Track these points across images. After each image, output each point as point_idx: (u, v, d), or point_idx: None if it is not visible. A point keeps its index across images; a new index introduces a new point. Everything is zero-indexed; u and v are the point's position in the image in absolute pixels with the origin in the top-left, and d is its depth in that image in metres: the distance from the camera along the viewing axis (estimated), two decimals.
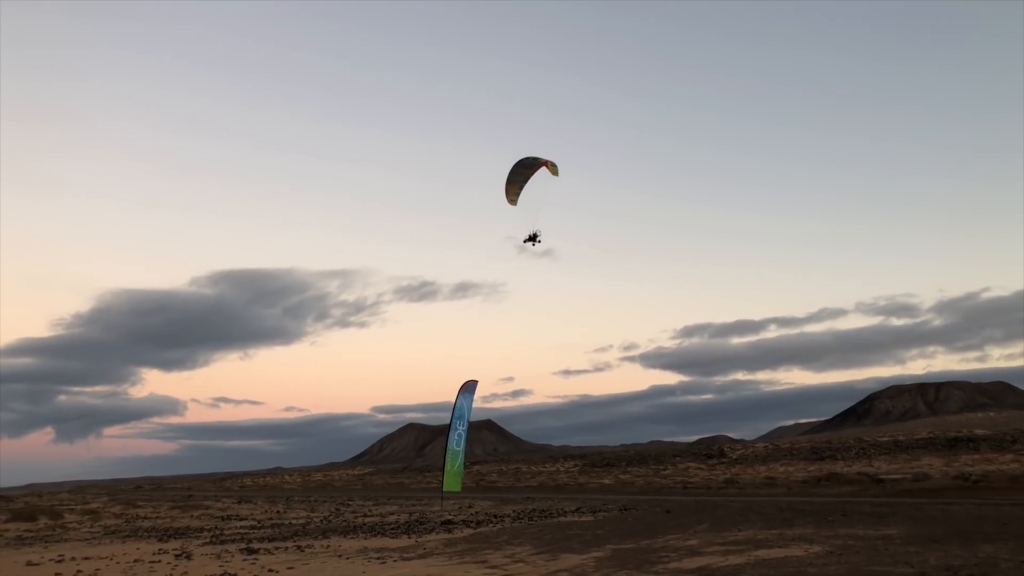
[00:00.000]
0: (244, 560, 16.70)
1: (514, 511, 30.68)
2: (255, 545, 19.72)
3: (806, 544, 16.64)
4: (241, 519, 31.33)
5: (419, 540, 20.69)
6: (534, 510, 30.91)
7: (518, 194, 30.46)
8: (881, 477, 41.50)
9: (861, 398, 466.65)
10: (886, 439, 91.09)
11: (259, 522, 29.06)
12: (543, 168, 30.03)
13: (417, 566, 15.46)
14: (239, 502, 47.12)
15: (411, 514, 31.22)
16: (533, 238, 30.39)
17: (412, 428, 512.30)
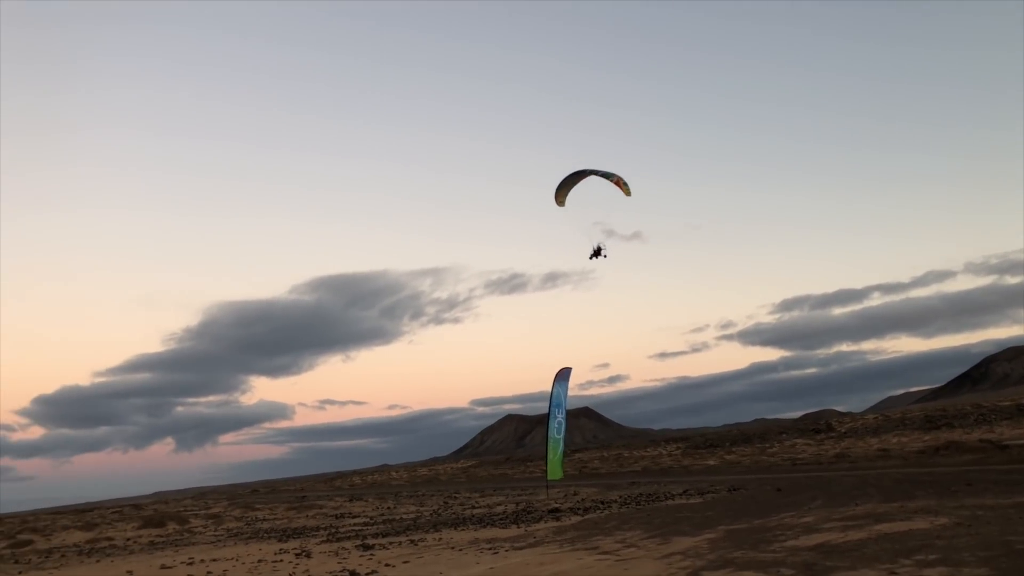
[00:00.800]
0: (361, 556, 17.17)
1: (620, 496, 30.54)
2: (370, 541, 20.26)
3: (931, 516, 15.95)
4: (354, 516, 32.23)
5: (528, 529, 20.82)
6: (640, 495, 30.69)
7: (566, 195, 29.95)
8: (1005, 443, 39.42)
9: (976, 362, 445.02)
10: (1007, 403, 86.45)
11: (371, 519, 29.83)
12: (610, 184, 29.04)
13: (529, 555, 15.55)
14: (350, 500, 48.48)
15: (518, 504, 31.47)
16: (598, 252, 29.79)
17: (511, 419, 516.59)
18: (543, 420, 36.44)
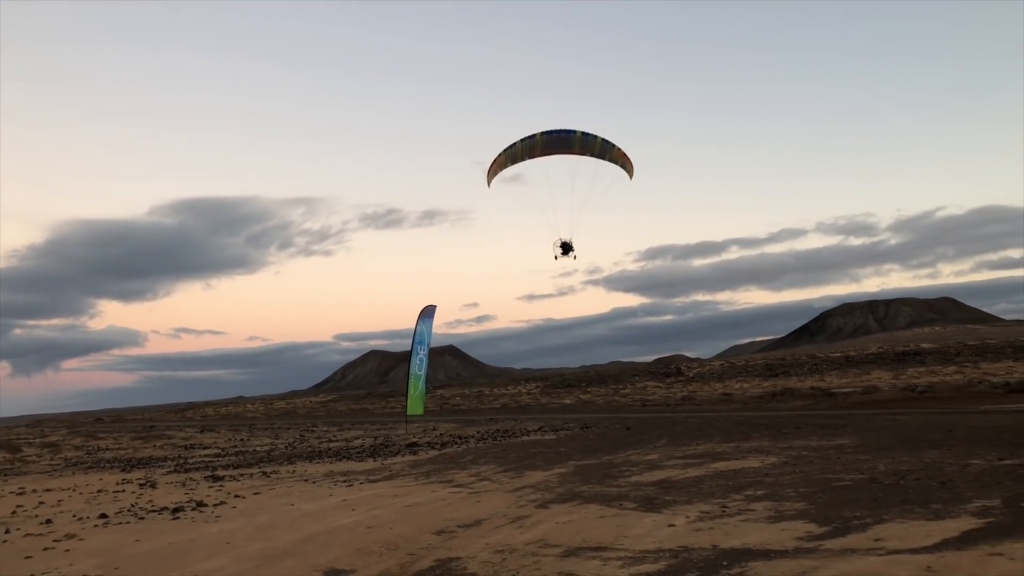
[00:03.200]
0: (210, 487, 16.75)
1: (478, 432, 31.13)
2: (220, 472, 19.78)
3: (762, 456, 17.16)
4: (204, 448, 31.37)
5: (385, 463, 20.92)
6: (498, 431, 31.40)
7: (498, 172, 24.21)
8: (833, 391, 42.83)
9: (815, 316, 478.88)
10: (838, 355, 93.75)
11: (223, 450, 29.13)
12: (604, 162, 23.50)
13: (384, 487, 15.64)
14: (202, 431, 47.14)
15: (376, 438, 31.52)
16: (567, 249, 24.72)
17: (375, 355, 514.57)
18: (408, 356, 36.50)
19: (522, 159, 23.76)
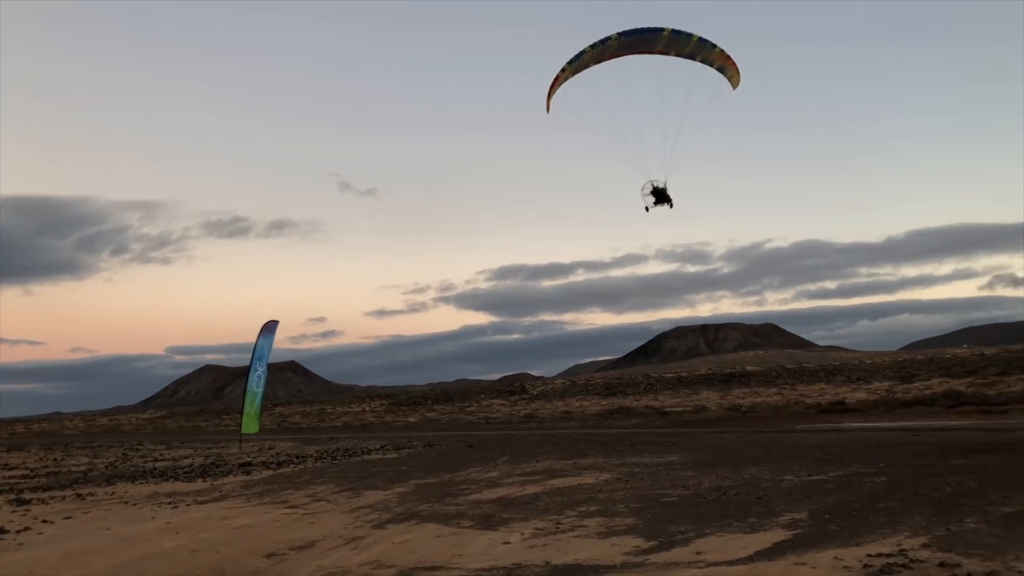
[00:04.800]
0: (13, 512, 15.34)
1: (317, 451, 30.30)
2: (26, 495, 18.16)
3: (597, 472, 17.70)
4: (10, 468, 28.72)
5: (215, 483, 19.94)
6: (338, 449, 30.69)
7: (559, 87, 20.11)
8: (665, 410, 44.86)
9: (651, 337, 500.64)
10: (671, 375, 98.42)
11: (32, 471, 26.77)
12: (700, 65, 20.02)
13: (212, 509, 14.90)
14: (8, 451, 43.17)
15: (207, 457, 30.01)
16: (661, 195, 20.62)
17: (211, 370, 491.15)
18: (245, 372, 35.02)
19: (590, 65, 20.22)
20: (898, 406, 34.71)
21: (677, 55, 19.97)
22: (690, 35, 19.58)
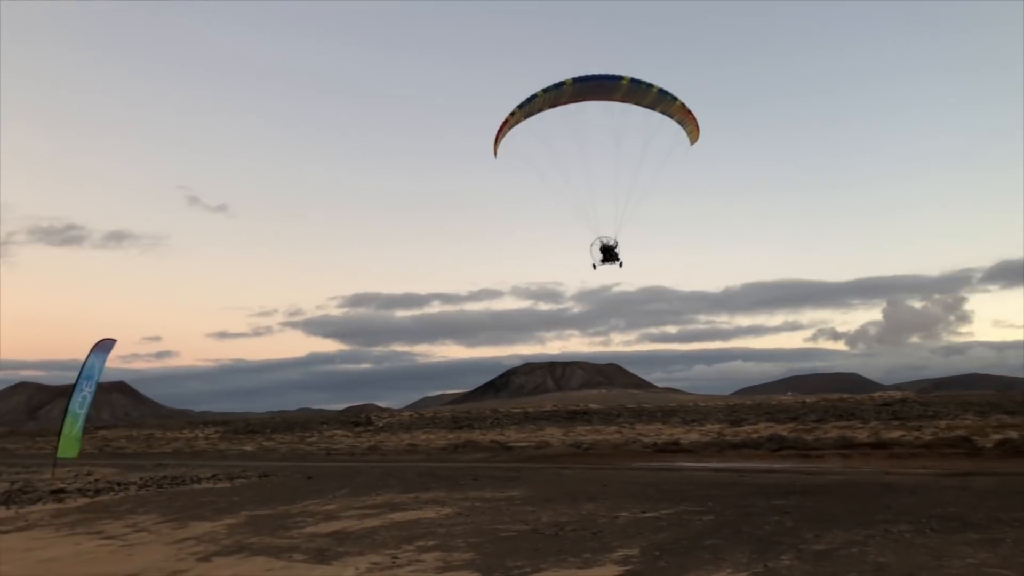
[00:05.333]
0: None
1: (141, 478, 28.40)
2: None
3: (438, 506, 17.55)
4: None
5: (20, 511, 18.27)
6: (165, 477, 28.90)
7: (508, 131, 19.28)
8: (510, 445, 45.21)
9: (501, 372, 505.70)
10: (517, 410, 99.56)
11: None
12: (658, 117, 19.47)
13: (15, 540, 13.62)
14: None
15: (13, 483, 27.48)
16: (610, 254, 20.26)
17: (25, 387, 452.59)
18: (67, 391, 32.37)
19: (544, 109, 19.16)
20: (727, 448, 36.55)
21: (635, 104, 19.43)
22: (650, 85, 18.93)
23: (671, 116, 19.81)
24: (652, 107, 19.48)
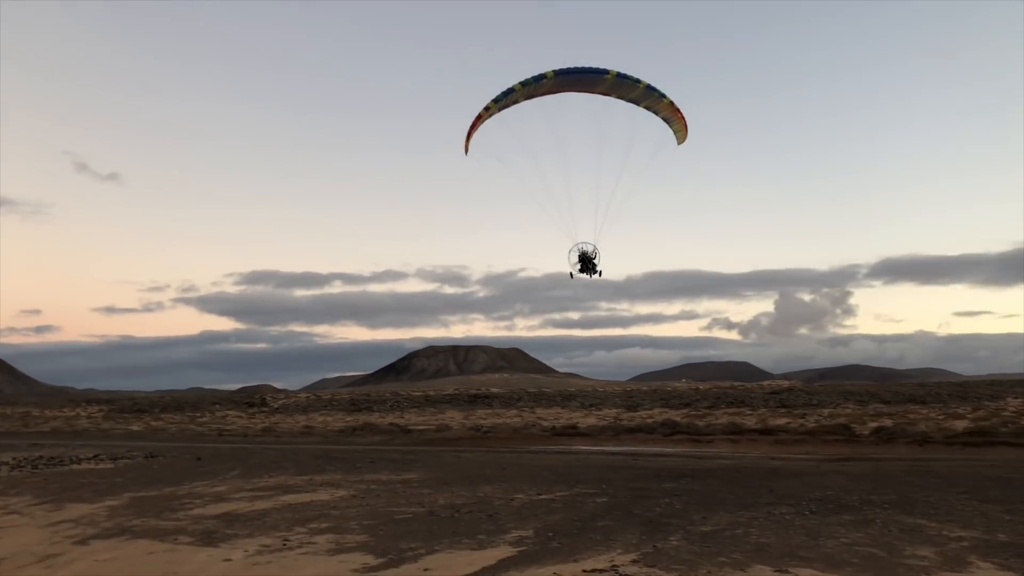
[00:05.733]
0: None
1: (14, 459, 26.88)
2: None
3: (333, 489, 17.28)
4: None
5: None
6: (40, 457, 27.45)
7: (479, 125, 18.02)
8: (410, 428, 44.99)
9: (403, 355, 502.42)
10: (418, 394, 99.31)
11: None
12: (644, 113, 18.55)
13: None
14: None
15: None
16: (588, 264, 19.40)
17: None
18: None
19: (520, 101, 18.04)
20: (623, 432, 37.41)
21: (619, 98, 18.50)
22: (637, 80, 17.98)
23: (657, 113, 19.06)
24: (637, 102, 18.75)
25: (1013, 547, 9.66)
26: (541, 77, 17.61)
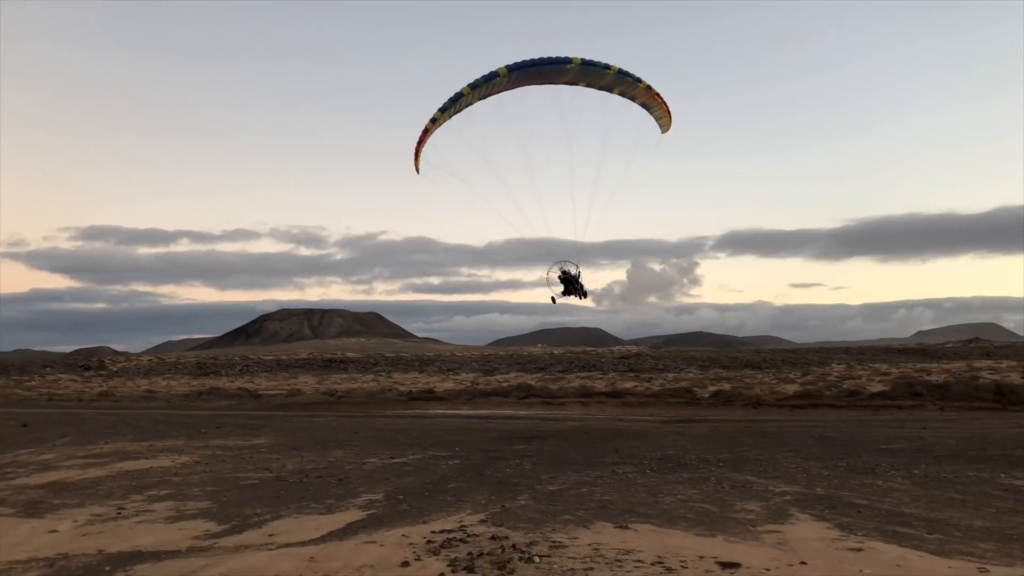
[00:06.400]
0: None
1: None
2: None
3: (175, 455, 16.56)
4: None
5: None
6: None
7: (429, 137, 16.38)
8: (260, 392, 43.72)
9: (254, 318, 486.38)
10: (270, 358, 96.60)
11: None
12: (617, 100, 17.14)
13: None
14: None
15: None
16: (572, 285, 17.97)
17: None
18: None
19: (473, 103, 16.15)
20: (479, 396, 37.92)
21: (588, 87, 16.99)
22: (607, 66, 16.55)
23: (634, 99, 17.75)
24: (610, 89, 17.34)
25: (827, 499, 10.52)
26: (493, 75, 15.98)
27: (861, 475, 12.54)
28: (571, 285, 18.16)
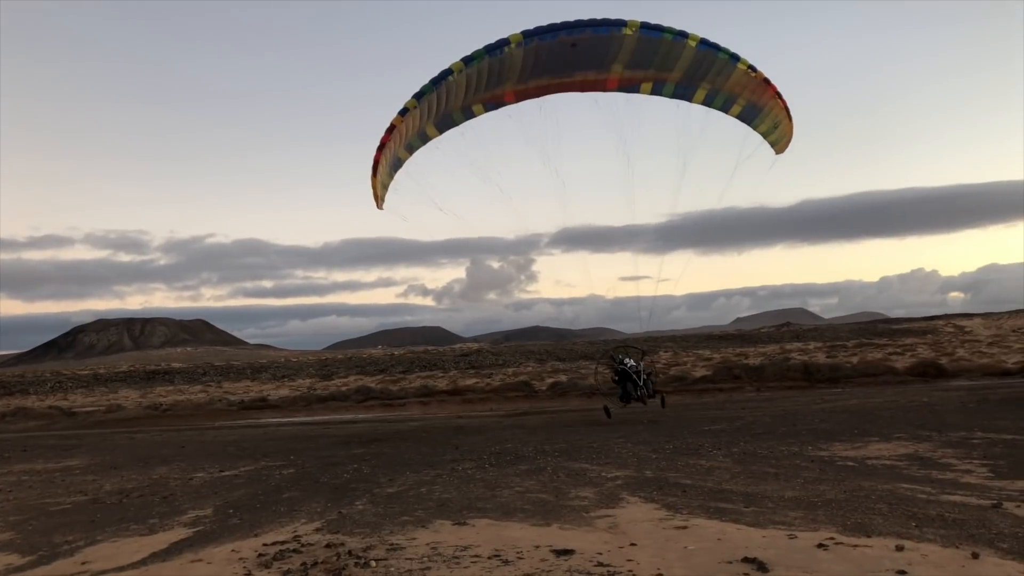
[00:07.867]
0: None
1: None
2: None
3: None
4: None
5: None
6: None
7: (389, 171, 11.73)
8: (75, 410, 40.53)
9: (67, 331, 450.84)
10: (86, 372, 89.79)
11: None
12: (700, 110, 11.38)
13: None
14: None
15: None
16: (630, 382, 14.47)
17: None
18: None
19: (474, 108, 10.97)
20: (315, 402, 36.88)
21: (654, 91, 11.34)
22: (683, 35, 10.88)
23: (733, 101, 12.05)
24: (690, 89, 11.74)
25: (656, 481, 11.03)
26: (502, 44, 11.23)
27: (686, 456, 13.25)
28: (628, 384, 14.95)
